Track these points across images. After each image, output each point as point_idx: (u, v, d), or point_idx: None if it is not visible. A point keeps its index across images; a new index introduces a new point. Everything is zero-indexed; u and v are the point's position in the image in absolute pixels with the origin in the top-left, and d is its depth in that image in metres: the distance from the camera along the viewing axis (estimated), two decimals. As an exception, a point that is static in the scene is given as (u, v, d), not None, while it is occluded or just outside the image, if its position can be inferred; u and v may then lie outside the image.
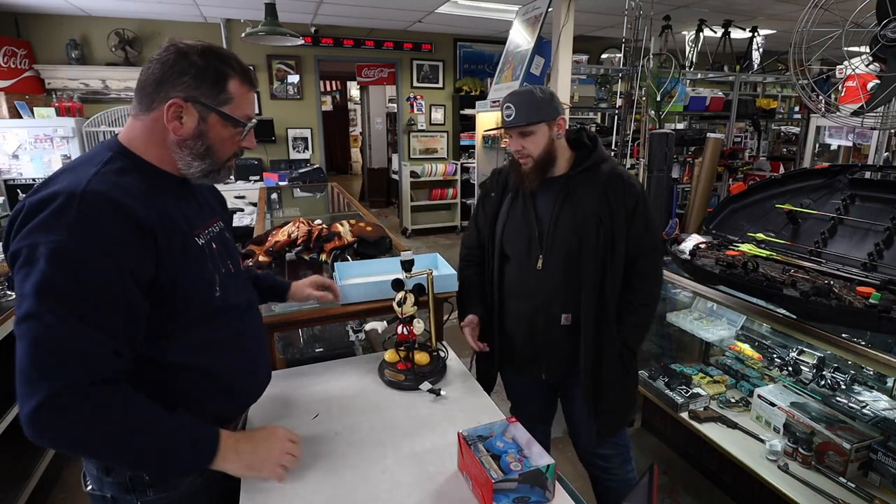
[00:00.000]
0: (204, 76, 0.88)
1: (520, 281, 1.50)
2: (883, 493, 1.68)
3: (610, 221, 1.41)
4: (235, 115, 0.92)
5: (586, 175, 1.45)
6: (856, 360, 1.61)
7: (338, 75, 10.44)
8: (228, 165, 0.97)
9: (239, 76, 0.92)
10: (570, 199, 1.44)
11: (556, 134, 1.42)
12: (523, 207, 1.49)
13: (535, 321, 1.48)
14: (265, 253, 1.92)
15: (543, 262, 1.44)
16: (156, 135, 0.90)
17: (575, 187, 1.45)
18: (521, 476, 0.93)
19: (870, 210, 1.84)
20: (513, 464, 0.96)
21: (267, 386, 1.15)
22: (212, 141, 0.91)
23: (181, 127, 0.88)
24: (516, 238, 1.49)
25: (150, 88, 0.88)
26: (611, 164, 1.47)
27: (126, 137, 0.91)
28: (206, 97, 0.88)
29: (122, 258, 0.79)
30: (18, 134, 4.54)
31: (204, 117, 0.89)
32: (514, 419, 1.08)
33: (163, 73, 0.87)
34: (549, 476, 0.96)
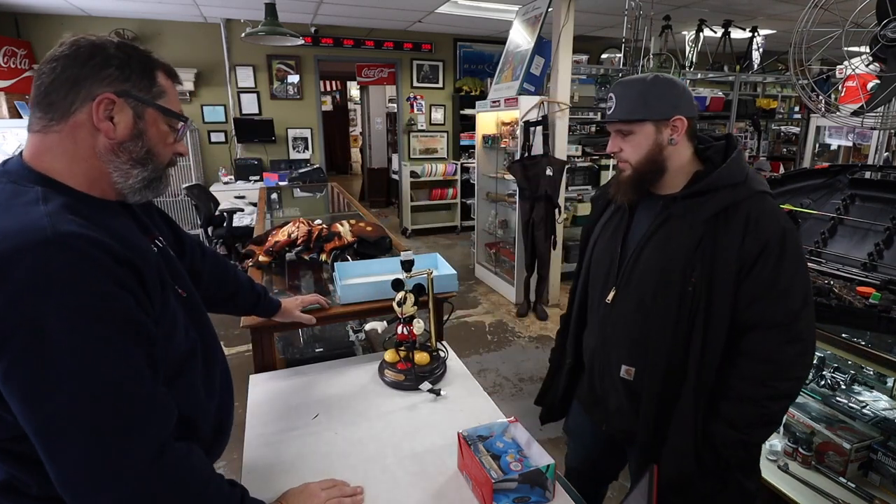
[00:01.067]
0: (130, 66, 0.75)
1: (591, 308, 1.30)
2: (883, 493, 1.68)
3: (708, 272, 1.05)
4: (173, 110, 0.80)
5: (696, 201, 1.09)
6: (856, 360, 1.61)
7: (338, 75, 10.44)
8: (166, 174, 0.84)
9: (163, 69, 0.80)
10: (664, 229, 1.13)
11: (667, 138, 1.11)
12: (617, 224, 1.24)
13: (594, 361, 1.28)
14: (265, 253, 1.92)
15: (614, 298, 1.19)
16: (81, 147, 0.74)
17: (674, 216, 1.12)
18: (521, 476, 0.93)
19: (870, 210, 1.84)
20: (513, 464, 0.96)
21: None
22: (152, 141, 0.78)
23: (114, 128, 0.74)
24: (600, 259, 1.26)
25: (63, 91, 0.72)
26: (743, 192, 1.06)
27: (39, 163, 0.74)
28: (139, 90, 0.76)
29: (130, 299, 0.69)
30: (18, 134, 4.54)
31: (140, 114, 0.76)
32: (514, 419, 1.08)
33: (78, 70, 0.72)
34: (550, 476, 0.96)
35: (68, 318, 0.62)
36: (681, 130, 1.11)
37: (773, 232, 1.03)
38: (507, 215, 4.67)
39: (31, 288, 0.61)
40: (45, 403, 0.63)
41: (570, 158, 4.12)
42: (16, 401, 0.63)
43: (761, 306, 1.04)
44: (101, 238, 0.68)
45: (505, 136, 4.33)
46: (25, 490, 0.73)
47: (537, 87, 3.98)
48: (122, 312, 0.68)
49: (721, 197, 1.07)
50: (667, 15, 4.89)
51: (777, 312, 1.04)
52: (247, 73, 5.81)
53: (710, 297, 1.06)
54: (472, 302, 4.36)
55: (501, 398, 2.82)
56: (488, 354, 3.40)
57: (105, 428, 0.64)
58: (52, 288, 0.62)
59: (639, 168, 1.14)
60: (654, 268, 1.13)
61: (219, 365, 0.96)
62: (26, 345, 0.61)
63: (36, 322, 0.61)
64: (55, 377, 0.62)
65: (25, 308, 0.61)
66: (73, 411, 0.63)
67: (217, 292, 1.21)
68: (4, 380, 0.63)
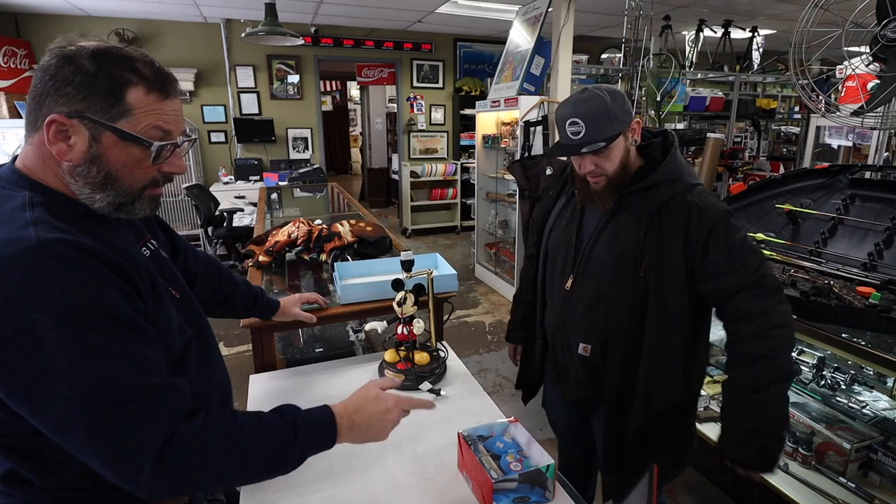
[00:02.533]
0: (92, 84, 0.69)
1: (550, 294, 1.40)
2: (883, 493, 1.68)
3: (657, 259, 1.17)
4: (136, 132, 0.72)
5: (640, 196, 1.20)
6: (856, 360, 1.61)
7: (338, 75, 10.44)
8: (149, 195, 0.78)
9: (144, 83, 0.72)
10: (613, 223, 1.24)
11: (631, 141, 1.21)
12: (570, 217, 1.34)
13: (556, 339, 1.39)
14: (265, 253, 1.92)
15: (572, 284, 1.30)
16: (47, 161, 0.73)
17: (621, 211, 1.23)
18: (521, 476, 0.93)
19: (870, 210, 1.84)
20: (513, 464, 0.96)
21: None
22: (111, 166, 0.73)
23: (69, 150, 0.71)
24: (557, 250, 1.36)
25: (33, 104, 0.71)
26: (679, 187, 1.18)
27: (25, 167, 0.74)
28: (95, 111, 0.70)
29: (123, 299, 0.69)
30: (18, 134, 4.54)
31: (96, 136, 0.71)
32: (514, 419, 1.08)
33: (43, 85, 0.70)
34: (550, 476, 0.96)
35: (61, 321, 0.63)
36: (637, 131, 1.22)
37: (714, 217, 1.14)
38: (507, 215, 4.67)
39: (21, 296, 0.62)
40: (50, 406, 0.63)
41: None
42: (23, 407, 0.64)
43: (730, 278, 1.14)
44: (86, 242, 0.68)
45: (505, 136, 4.33)
46: (30, 481, 0.75)
47: (537, 87, 3.98)
48: (113, 308, 0.68)
49: (662, 191, 1.18)
50: (667, 15, 4.89)
51: (744, 276, 1.13)
52: (247, 73, 5.81)
53: (660, 279, 1.17)
54: (472, 302, 4.36)
55: (501, 398, 2.82)
56: (488, 354, 3.40)
57: (112, 421, 0.65)
58: (42, 294, 0.62)
59: (615, 177, 1.20)
60: (607, 258, 1.23)
61: (216, 357, 0.96)
62: (23, 351, 0.62)
63: (29, 329, 0.62)
64: (56, 379, 0.63)
65: (17, 316, 0.62)
66: (79, 410, 0.63)
67: (213, 295, 1.21)
68: (7, 388, 0.64)
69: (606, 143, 1.14)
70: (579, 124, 1.14)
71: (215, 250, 4.90)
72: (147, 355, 0.70)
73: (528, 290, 1.55)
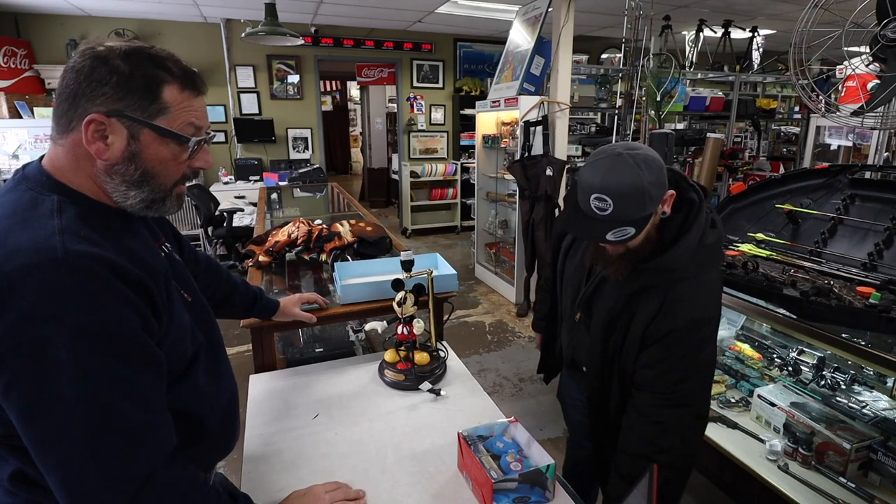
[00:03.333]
0: (129, 84, 0.71)
1: (564, 313, 1.42)
2: (883, 493, 1.68)
3: (623, 334, 1.15)
4: (174, 129, 0.75)
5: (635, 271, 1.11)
6: (856, 360, 1.61)
7: (338, 75, 10.44)
8: (178, 192, 0.81)
9: (177, 81, 0.75)
10: (602, 287, 1.22)
11: (661, 213, 1.07)
12: (583, 252, 1.30)
13: (567, 355, 1.45)
14: (265, 253, 1.92)
15: (580, 318, 1.31)
16: (82, 162, 0.73)
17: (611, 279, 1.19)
18: (521, 476, 0.93)
19: (870, 210, 1.84)
20: (513, 464, 0.96)
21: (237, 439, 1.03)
22: (148, 163, 0.74)
23: (106, 149, 0.72)
24: (570, 277, 1.35)
25: (65, 105, 0.71)
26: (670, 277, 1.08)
27: (54, 168, 0.74)
28: (134, 109, 0.71)
29: (137, 319, 0.69)
30: (18, 134, 4.55)
31: (134, 134, 0.72)
32: (514, 419, 1.08)
33: (77, 85, 0.70)
34: (550, 476, 0.96)
35: (72, 339, 0.62)
36: (669, 202, 1.07)
37: (674, 324, 1.07)
38: (507, 215, 4.67)
39: (38, 307, 0.62)
40: (40, 420, 0.63)
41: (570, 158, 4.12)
42: (14, 415, 0.64)
43: (647, 374, 1.12)
44: (111, 258, 0.67)
45: (505, 136, 4.33)
46: (37, 481, 0.75)
47: (537, 87, 3.98)
48: (127, 336, 0.68)
49: (647, 276, 1.10)
50: (667, 15, 4.89)
51: (658, 383, 1.11)
52: (247, 73, 5.81)
53: (622, 354, 1.16)
54: (472, 302, 4.36)
55: (501, 398, 2.82)
56: (488, 354, 3.40)
57: (97, 450, 0.64)
58: (59, 308, 0.62)
59: (636, 250, 1.09)
60: (596, 314, 1.22)
61: (224, 361, 0.97)
62: (28, 362, 0.62)
63: (40, 341, 0.61)
64: (54, 396, 0.62)
65: (31, 326, 0.61)
66: (68, 431, 0.63)
67: (213, 295, 1.21)
68: (5, 394, 0.63)
69: (636, 230, 1.00)
70: (607, 202, 0.97)
71: (215, 250, 4.90)
72: (146, 385, 0.70)
73: (551, 279, 1.55)
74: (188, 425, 0.84)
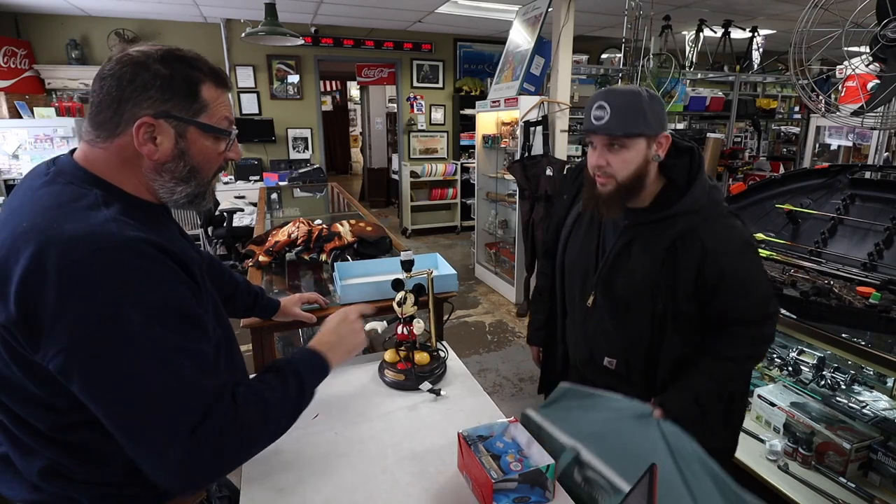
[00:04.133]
0: (171, 86, 0.75)
1: (571, 307, 1.37)
2: (883, 493, 1.68)
3: (671, 294, 1.14)
4: (214, 123, 0.80)
5: (659, 225, 1.15)
6: (856, 360, 1.61)
7: (338, 75, 10.44)
8: (214, 184, 0.88)
9: (210, 79, 0.80)
10: (631, 248, 1.19)
11: (653, 154, 1.12)
12: (587, 229, 1.29)
13: (578, 352, 1.37)
14: (265, 253, 1.92)
15: (594, 301, 1.25)
16: (129, 164, 0.77)
17: (637, 238, 1.18)
18: (522, 476, 0.93)
19: (870, 210, 1.84)
20: (513, 464, 0.96)
21: None
22: (195, 159, 0.80)
23: (156, 149, 0.76)
24: (575, 263, 1.32)
25: (109, 112, 0.74)
26: (697, 219, 1.12)
27: (91, 165, 0.77)
28: (179, 109, 0.76)
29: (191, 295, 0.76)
30: (18, 134, 4.54)
31: (181, 133, 0.77)
32: (514, 419, 1.08)
33: (121, 91, 0.73)
34: (550, 476, 0.95)
35: (146, 314, 0.68)
36: (665, 147, 1.13)
37: (727, 261, 1.11)
38: (507, 215, 4.67)
39: (109, 287, 0.66)
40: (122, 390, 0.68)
41: (570, 158, 4.12)
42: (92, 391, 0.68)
43: (735, 313, 1.15)
44: (163, 242, 0.73)
45: (505, 136, 4.33)
46: (69, 475, 0.77)
47: (537, 87, 3.98)
48: (187, 306, 0.74)
49: (680, 224, 1.13)
50: (667, 15, 4.89)
51: (749, 312, 1.16)
52: (247, 73, 5.81)
53: (677, 310, 1.15)
54: (472, 302, 4.36)
55: (501, 398, 2.82)
56: (488, 354, 3.40)
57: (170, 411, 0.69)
58: (130, 287, 0.68)
59: (624, 184, 1.12)
60: (624, 286, 1.19)
61: (240, 359, 1.03)
62: (108, 340, 0.66)
63: (117, 319, 0.66)
64: (134, 369, 0.67)
65: (106, 306, 0.66)
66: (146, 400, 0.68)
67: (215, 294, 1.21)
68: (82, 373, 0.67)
69: (625, 136, 1.07)
70: (605, 109, 1.07)
71: (215, 250, 4.90)
72: (210, 354, 0.76)
73: (548, 289, 1.51)
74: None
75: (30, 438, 0.74)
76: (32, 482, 0.76)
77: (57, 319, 0.65)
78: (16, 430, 0.75)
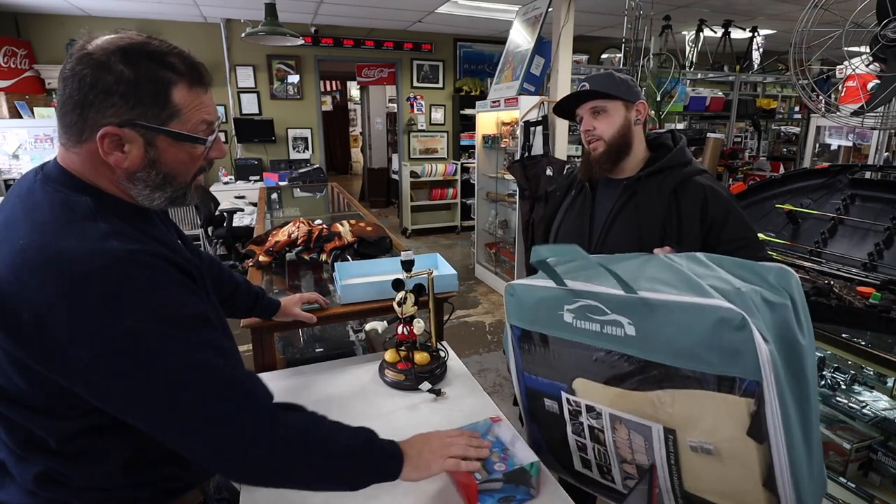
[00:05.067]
0: (137, 91, 0.68)
1: None
2: (883, 493, 1.68)
3: (677, 232, 1.22)
4: (188, 131, 0.73)
5: (655, 178, 1.27)
6: (856, 360, 1.61)
7: (338, 75, 10.44)
8: (196, 184, 0.82)
9: (184, 80, 0.72)
10: (631, 204, 1.28)
11: (634, 118, 1.29)
12: (581, 206, 1.37)
13: None
14: (265, 253, 1.92)
15: None
16: (101, 169, 0.73)
17: (639, 192, 1.28)
18: (506, 476, 0.92)
19: (870, 210, 1.84)
20: (497, 464, 0.96)
21: None
22: (168, 166, 0.74)
23: (125, 158, 0.71)
24: (566, 239, 1.38)
25: (73, 115, 0.69)
26: (691, 169, 1.27)
27: (74, 170, 0.73)
28: (146, 117, 0.70)
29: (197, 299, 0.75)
30: (18, 134, 4.55)
31: (150, 141, 0.71)
32: (497, 418, 1.08)
33: (83, 96, 0.67)
34: (534, 474, 0.94)
35: (158, 323, 0.67)
36: (643, 113, 1.30)
37: (726, 198, 1.26)
38: (507, 215, 4.67)
39: (118, 303, 0.65)
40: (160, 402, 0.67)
41: (570, 158, 4.12)
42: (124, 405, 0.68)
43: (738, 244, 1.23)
44: (162, 252, 0.72)
45: (505, 136, 4.33)
46: (65, 481, 0.76)
47: (537, 87, 3.98)
48: (197, 309, 0.73)
49: (677, 173, 1.26)
50: (667, 15, 4.89)
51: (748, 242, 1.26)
52: (247, 73, 5.81)
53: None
54: (472, 302, 4.36)
55: (501, 398, 2.82)
56: (488, 354, 3.40)
57: (217, 412, 0.69)
58: (137, 300, 0.66)
59: (612, 142, 1.27)
60: (627, 239, 1.26)
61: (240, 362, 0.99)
62: (128, 355, 0.65)
63: (130, 333, 0.65)
64: (164, 376, 0.67)
65: (116, 322, 0.64)
66: (186, 403, 0.68)
67: (215, 295, 1.21)
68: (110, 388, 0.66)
69: (604, 96, 1.24)
70: (585, 85, 1.26)
71: (215, 250, 4.90)
72: (231, 348, 0.76)
73: None
74: None
75: (27, 446, 0.73)
76: (27, 488, 0.75)
77: (71, 341, 0.63)
78: (13, 437, 0.74)
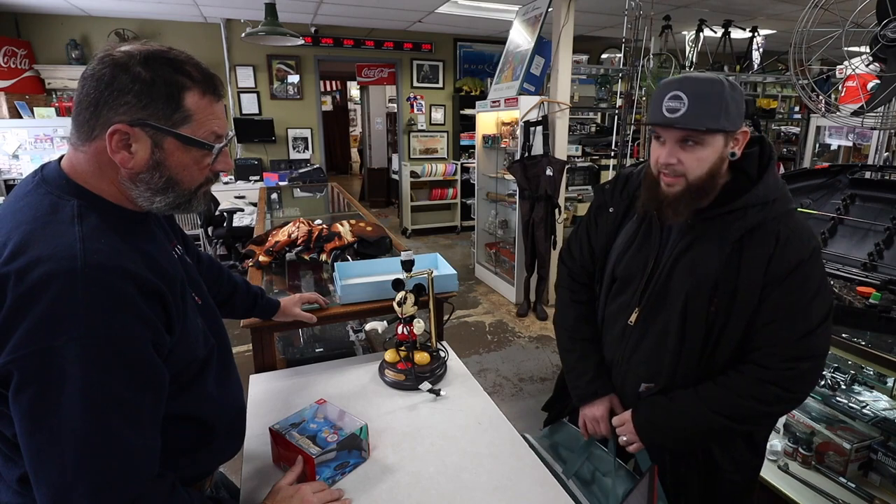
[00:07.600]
0: (151, 92, 0.70)
1: (606, 326, 1.23)
2: (883, 493, 1.68)
3: (731, 290, 0.99)
4: (198, 136, 0.74)
5: (724, 221, 1.01)
6: (856, 360, 1.61)
7: (338, 75, 10.44)
8: (202, 192, 0.81)
9: (199, 86, 0.74)
10: (692, 251, 1.04)
11: (729, 152, 1.00)
12: (645, 240, 1.13)
13: (613, 371, 1.22)
14: (265, 253, 1.92)
15: (637, 318, 1.12)
16: (105, 169, 0.73)
17: (703, 236, 1.03)
18: (339, 444, 0.99)
19: (870, 210, 1.84)
20: (329, 437, 1.01)
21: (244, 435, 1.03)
22: (172, 170, 0.75)
23: (131, 158, 0.72)
24: (628, 278, 1.15)
25: (86, 113, 0.70)
26: (772, 212, 0.99)
27: (74, 172, 0.74)
28: (157, 118, 0.71)
29: (148, 335, 0.69)
30: (18, 134, 4.55)
31: (158, 143, 0.72)
32: (322, 400, 1.13)
33: (99, 94, 0.69)
34: (363, 437, 1.04)
35: (82, 352, 0.63)
36: (742, 143, 1.01)
37: (800, 255, 0.97)
38: (507, 215, 4.67)
39: (53, 318, 0.62)
40: (39, 432, 0.63)
41: (570, 158, 4.13)
42: (17, 420, 0.64)
43: (779, 331, 0.99)
44: (130, 268, 0.68)
45: (505, 136, 4.33)
46: None
47: (537, 87, 3.98)
48: (136, 354, 0.68)
49: (751, 216, 0.99)
50: (667, 15, 4.89)
51: (792, 333, 0.98)
52: (247, 73, 5.81)
53: (729, 315, 1.00)
54: (472, 302, 4.36)
55: (501, 398, 2.82)
56: (488, 354, 3.40)
57: (91, 470, 0.64)
58: (73, 321, 0.63)
59: (696, 184, 0.98)
60: (680, 292, 1.04)
61: (233, 364, 0.99)
62: (37, 371, 0.62)
63: (51, 351, 0.62)
64: (56, 409, 0.62)
65: (44, 336, 0.62)
66: (65, 447, 0.63)
67: (215, 296, 1.20)
68: (14, 399, 0.64)
69: (706, 130, 0.94)
70: (682, 100, 0.93)
71: (215, 250, 4.91)
72: (146, 406, 0.70)
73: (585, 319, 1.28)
74: (196, 429, 0.85)
75: (10, 449, 0.73)
76: (14, 488, 0.75)
77: (2, 339, 0.62)
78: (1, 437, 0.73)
